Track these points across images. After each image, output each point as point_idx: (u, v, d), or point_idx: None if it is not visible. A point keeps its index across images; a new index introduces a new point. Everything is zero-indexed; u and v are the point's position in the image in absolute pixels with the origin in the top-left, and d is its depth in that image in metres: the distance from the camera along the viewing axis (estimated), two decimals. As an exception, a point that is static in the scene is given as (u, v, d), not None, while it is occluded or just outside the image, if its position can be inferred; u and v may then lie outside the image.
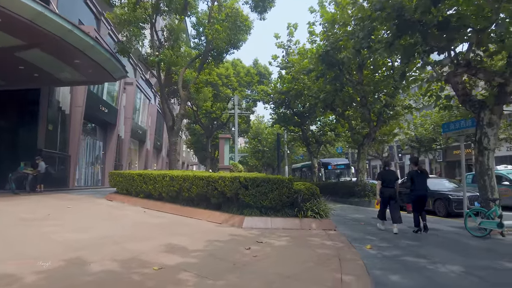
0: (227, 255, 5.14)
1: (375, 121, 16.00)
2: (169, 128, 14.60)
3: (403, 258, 5.34)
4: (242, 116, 25.68)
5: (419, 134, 30.37)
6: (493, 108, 8.40)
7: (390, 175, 8.46)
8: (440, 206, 12.78)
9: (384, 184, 8.24)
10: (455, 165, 33.48)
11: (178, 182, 9.49)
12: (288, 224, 7.63)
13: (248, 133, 36.49)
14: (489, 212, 7.45)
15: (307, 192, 7.99)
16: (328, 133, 23.58)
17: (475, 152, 8.65)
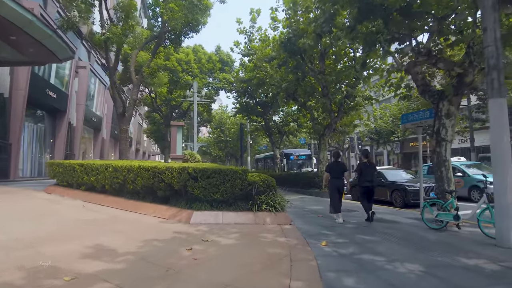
0: (162, 259, 4.39)
1: (336, 111, 15.74)
2: (119, 115, 13.39)
3: (360, 256, 4.87)
4: (203, 104, 24.66)
5: (378, 126, 30.97)
6: (451, 99, 8.21)
7: (338, 167, 8.30)
8: (397, 197, 12.77)
9: (332, 175, 8.15)
10: (411, 156, 34.65)
11: (122, 173, 8.52)
12: (241, 218, 6.99)
13: (211, 123, 35.46)
14: (446, 204, 7.25)
15: (262, 184, 7.38)
16: (291, 124, 23.23)
17: (433, 143, 8.46)
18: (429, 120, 9.94)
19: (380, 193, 13.59)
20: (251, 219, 6.99)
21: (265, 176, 7.68)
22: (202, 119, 34.49)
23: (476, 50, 7.88)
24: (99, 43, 11.68)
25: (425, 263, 4.54)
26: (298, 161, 25.75)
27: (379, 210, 10.73)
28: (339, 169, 8.21)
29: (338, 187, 8.05)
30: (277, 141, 23.84)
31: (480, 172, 14.10)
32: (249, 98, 23.56)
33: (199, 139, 51.58)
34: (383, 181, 13.73)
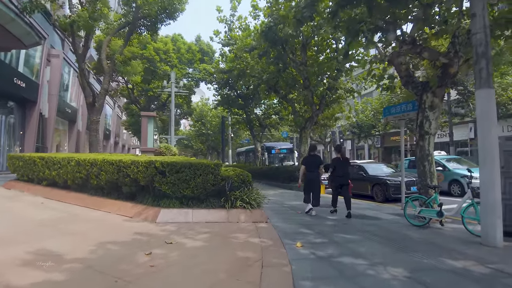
0: (114, 266, 3.79)
1: (318, 104, 15.32)
2: (88, 105, 12.52)
3: (339, 259, 4.40)
4: (182, 96, 23.78)
5: (360, 120, 30.93)
6: (435, 91, 7.85)
7: (313, 160, 8.22)
8: (378, 191, 12.50)
9: (308, 169, 8.07)
10: (391, 150, 34.87)
11: (85, 168, 7.78)
12: (213, 216, 6.43)
13: (192, 115, 34.54)
14: (429, 200, 6.90)
15: (236, 179, 6.82)
16: (272, 117, 22.73)
17: (416, 136, 8.11)
18: (411, 113, 9.62)
19: (361, 188, 13.32)
20: (224, 217, 6.44)
21: (240, 171, 7.13)
22: (182, 112, 33.54)
23: (461, 40, 7.54)
24: (65, 27, 10.80)
25: (410, 266, 4.12)
26: (279, 155, 25.32)
27: (361, 205, 10.40)
28: (314, 163, 8.12)
29: (312, 179, 7.98)
30: (258, 134, 23.31)
31: (460, 167, 14.04)
32: (230, 90, 22.90)
33: (180, 132, 50.52)
34: (364, 175, 13.44)
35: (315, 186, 8.10)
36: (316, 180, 8.08)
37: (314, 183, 8.05)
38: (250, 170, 21.97)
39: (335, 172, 8.19)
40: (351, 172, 14.14)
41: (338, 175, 8.11)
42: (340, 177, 8.10)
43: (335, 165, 8.25)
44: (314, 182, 8.04)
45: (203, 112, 35.18)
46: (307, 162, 8.19)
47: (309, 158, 8.27)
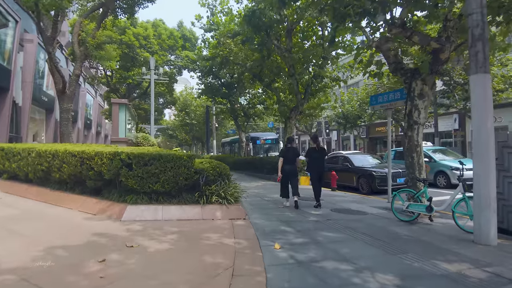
0: (56, 278, 3.17)
1: (303, 93, 14.77)
2: (58, 92, 11.63)
3: (322, 263, 3.89)
4: (164, 84, 22.82)
5: (345, 111, 30.61)
6: (425, 78, 7.38)
7: (291, 152, 7.98)
8: (364, 183, 12.14)
9: (285, 161, 7.84)
10: (377, 141, 34.82)
11: (46, 159, 7.04)
12: (185, 213, 5.83)
13: (175, 105, 33.56)
14: (418, 194, 6.48)
15: (212, 172, 6.23)
16: (257, 106, 22.10)
17: (404, 126, 7.65)
18: (399, 102, 9.18)
19: (347, 179, 12.94)
20: (198, 214, 5.86)
21: (216, 163, 6.53)
22: (165, 101, 32.55)
23: (453, 24, 7.07)
24: (30, 6, 9.84)
25: (400, 271, 3.64)
26: (264, 145, 24.74)
27: (346, 197, 9.98)
28: (292, 155, 7.91)
29: (289, 172, 7.79)
30: (243, 124, 22.67)
31: (446, 158, 13.80)
32: (213, 78, 22.11)
33: (165, 122, 49.30)
34: (349, 167, 13.06)
35: (292, 178, 7.90)
36: (293, 172, 7.86)
37: (291, 176, 7.84)
38: (234, 161, 21.48)
39: (312, 162, 8.13)
40: (340, 163, 13.88)
41: (314, 165, 8.05)
42: (316, 167, 8.01)
43: (310, 155, 8.17)
44: (291, 174, 7.84)
45: (187, 101, 34.17)
46: (285, 154, 7.97)
47: (286, 150, 8.05)
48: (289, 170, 7.79)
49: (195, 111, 33.08)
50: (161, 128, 48.38)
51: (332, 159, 14.93)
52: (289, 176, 7.84)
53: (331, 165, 14.26)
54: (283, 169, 7.83)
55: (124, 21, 18.76)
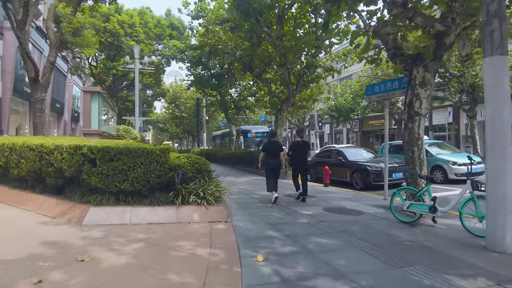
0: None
1: (295, 84, 14.00)
2: (31, 81, 10.68)
3: (313, 281, 3.17)
4: (152, 75, 21.81)
5: (338, 104, 29.97)
6: (428, 64, 6.68)
7: (274, 146, 7.70)
8: (358, 178, 11.48)
9: (268, 155, 7.64)
10: (370, 135, 34.32)
11: (3, 154, 6.19)
12: (158, 216, 5.07)
13: (165, 97, 32.50)
14: (420, 192, 5.79)
15: (190, 169, 5.46)
16: (248, 98, 21.27)
17: (404, 117, 6.96)
18: (397, 92, 8.49)
19: (340, 174, 12.28)
20: (173, 216, 5.10)
21: (195, 158, 5.76)
22: (155, 93, 31.51)
23: (460, 5, 6.36)
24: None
25: (408, 293, 2.94)
26: (255, 139, 23.93)
27: (339, 194, 9.31)
28: (274, 149, 7.65)
29: (273, 167, 7.55)
30: (233, 117, 21.85)
31: (442, 152, 13.20)
32: (203, 69, 21.20)
33: (155, 115, 48.10)
34: (343, 161, 12.39)
35: (276, 173, 7.66)
36: (277, 166, 7.61)
37: (275, 170, 7.59)
38: (224, 155, 20.69)
39: (293, 156, 7.92)
40: (333, 158, 13.23)
41: (297, 159, 7.87)
42: (299, 161, 7.86)
43: (294, 149, 7.95)
44: (275, 169, 7.59)
45: (177, 93, 33.09)
46: (267, 148, 7.73)
47: (269, 144, 7.80)
48: (273, 165, 7.53)
49: (185, 104, 32.03)
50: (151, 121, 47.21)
51: (324, 153, 14.24)
52: (274, 171, 7.57)
53: (324, 160, 13.57)
54: (267, 163, 7.60)
55: (108, 7, 17.69)
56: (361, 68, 29.06)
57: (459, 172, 11.42)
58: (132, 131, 11.55)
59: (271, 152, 7.60)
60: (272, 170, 7.54)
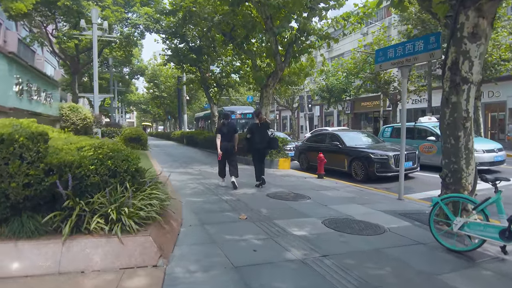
0: None
1: (283, 55, 11.46)
2: None
3: None
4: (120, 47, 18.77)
5: (330, 84, 27.54)
6: (482, 6, 4.29)
7: (228, 128, 7.22)
8: (358, 168, 9.27)
9: (222, 138, 7.15)
10: (361, 117, 32.17)
11: None
12: (22, 262, 2.63)
13: (144, 75, 29.43)
14: (484, 205, 3.47)
15: (99, 169, 3.01)
16: (232, 76, 18.62)
17: (444, 87, 4.58)
18: (421, 56, 6.07)
19: (336, 162, 9.99)
20: (53, 260, 2.67)
21: (111, 149, 3.29)
22: (132, 70, 28.43)
23: None
24: None
25: None
26: (240, 121, 21.45)
27: (339, 191, 7.00)
28: (228, 131, 7.20)
29: (226, 150, 7.12)
30: (215, 96, 19.24)
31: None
32: (181, 41, 18.38)
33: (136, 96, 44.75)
34: (339, 147, 10.10)
35: (230, 157, 7.25)
36: (230, 150, 7.20)
37: (228, 153, 7.19)
38: (205, 138, 18.10)
39: (254, 139, 7.36)
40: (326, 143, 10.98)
41: (256, 141, 7.33)
42: (259, 143, 7.33)
43: (252, 132, 7.41)
44: (229, 152, 7.18)
45: (156, 71, 29.94)
46: (221, 131, 7.20)
47: (223, 127, 7.28)
48: (226, 148, 7.09)
49: (165, 82, 28.98)
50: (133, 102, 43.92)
51: (317, 138, 11.90)
52: (227, 154, 7.14)
53: (316, 145, 11.27)
54: (221, 147, 7.09)
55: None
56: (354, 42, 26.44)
57: (484, 161, 9.27)
58: (81, 110, 9.00)
59: (225, 135, 7.12)
60: (225, 153, 7.09)
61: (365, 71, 21.91)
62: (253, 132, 7.39)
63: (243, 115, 21.47)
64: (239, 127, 22.10)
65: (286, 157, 11.16)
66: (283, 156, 11.10)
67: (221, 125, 7.35)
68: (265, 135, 7.43)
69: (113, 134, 12.74)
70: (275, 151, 11.00)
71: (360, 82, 24.47)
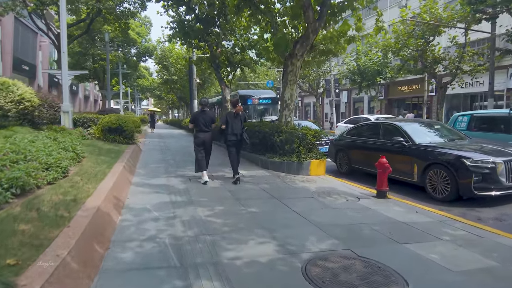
0: None
1: (317, 13, 7.80)
2: None
3: None
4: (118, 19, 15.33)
5: (362, 65, 23.41)
6: None
7: (204, 117, 6.48)
8: (439, 180, 5.76)
9: (198, 128, 6.45)
10: (395, 104, 27.90)
11: None
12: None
13: (152, 57, 26.24)
14: None
15: None
16: (248, 52, 15.01)
17: None
18: None
19: (397, 168, 6.35)
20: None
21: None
22: (139, 51, 25.30)
23: None
24: None
25: None
26: (258, 107, 17.93)
27: (433, 237, 3.39)
28: (205, 120, 6.49)
29: (204, 141, 6.47)
30: (227, 77, 15.77)
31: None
32: (187, 11, 14.94)
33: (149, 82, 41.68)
34: (404, 145, 6.53)
35: (207, 149, 6.58)
36: (208, 141, 6.54)
37: (206, 145, 6.51)
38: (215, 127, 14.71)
39: (229, 130, 6.48)
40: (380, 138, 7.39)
41: (232, 132, 6.46)
42: (235, 135, 6.46)
43: (227, 121, 6.49)
44: (206, 144, 6.51)
45: (165, 51, 26.51)
46: (196, 119, 6.49)
47: (199, 115, 6.56)
48: (204, 139, 6.45)
49: (176, 65, 25.57)
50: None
51: (362, 130, 8.29)
52: (204, 146, 6.47)
53: (362, 140, 7.72)
54: (197, 137, 6.48)
55: None
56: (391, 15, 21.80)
57: None
58: (12, 89, 5.85)
59: (202, 124, 6.42)
60: (203, 145, 6.44)
61: (409, 46, 17.73)
62: (227, 122, 6.53)
63: (262, 100, 17.94)
64: (257, 115, 18.68)
65: (321, 158, 7.62)
66: (317, 157, 7.57)
67: (197, 113, 6.72)
68: (240, 125, 6.58)
69: (88, 123, 9.55)
70: (304, 149, 7.51)
71: (399, 62, 20.32)
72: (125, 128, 9.30)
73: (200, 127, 6.45)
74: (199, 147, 6.44)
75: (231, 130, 6.47)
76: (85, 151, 6.80)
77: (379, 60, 22.41)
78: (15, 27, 23.87)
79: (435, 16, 16.33)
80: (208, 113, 6.67)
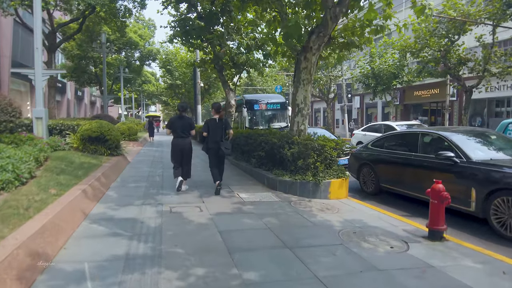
0: None
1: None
2: None
3: None
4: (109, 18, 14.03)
5: (377, 68, 21.69)
6: None
7: (183, 122, 6.09)
8: (508, 211, 3.97)
9: (175, 134, 6.12)
10: (411, 109, 26.05)
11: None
12: None
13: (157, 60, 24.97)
14: None
15: None
16: (252, 52, 13.48)
17: None
18: None
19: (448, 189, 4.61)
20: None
21: None
22: (142, 54, 24.10)
23: None
24: None
25: None
26: (266, 112, 16.31)
27: None
28: (183, 126, 6.08)
29: (182, 148, 6.06)
30: (232, 80, 14.25)
31: None
32: (188, 10, 13.63)
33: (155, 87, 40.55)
34: (456, 162, 4.84)
35: (186, 157, 6.12)
36: (187, 148, 6.10)
37: (184, 152, 6.08)
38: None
39: (210, 137, 6.04)
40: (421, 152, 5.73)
41: (214, 140, 5.99)
42: (216, 142, 5.98)
43: (208, 129, 6.06)
44: (184, 151, 6.07)
45: (168, 55, 25.13)
46: (174, 125, 6.08)
47: (176, 120, 6.15)
48: (182, 146, 6.05)
49: (179, 68, 24.16)
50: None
51: (393, 140, 6.66)
52: (183, 153, 6.05)
53: (394, 154, 6.09)
54: (175, 144, 6.10)
55: None
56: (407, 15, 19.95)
57: None
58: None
59: (179, 130, 6.03)
60: (179, 152, 6.03)
61: (431, 46, 16.00)
62: (209, 129, 6.05)
63: (270, 105, 16.34)
64: (264, 121, 17.13)
65: (343, 176, 5.96)
66: (338, 175, 5.92)
67: (174, 118, 6.24)
68: (221, 133, 6.03)
69: (66, 131, 8.10)
70: (322, 165, 5.88)
71: (418, 64, 18.56)
72: (108, 137, 7.81)
73: (178, 133, 6.08)
74: (176, 153, 6.07)
75: (211, 137, 6.06)
76: (46, 168, 5.32)
77: (395, 63, 20.68)
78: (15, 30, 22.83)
79: (462, 12, 14.60)
80: (186, 119, 6.33)
